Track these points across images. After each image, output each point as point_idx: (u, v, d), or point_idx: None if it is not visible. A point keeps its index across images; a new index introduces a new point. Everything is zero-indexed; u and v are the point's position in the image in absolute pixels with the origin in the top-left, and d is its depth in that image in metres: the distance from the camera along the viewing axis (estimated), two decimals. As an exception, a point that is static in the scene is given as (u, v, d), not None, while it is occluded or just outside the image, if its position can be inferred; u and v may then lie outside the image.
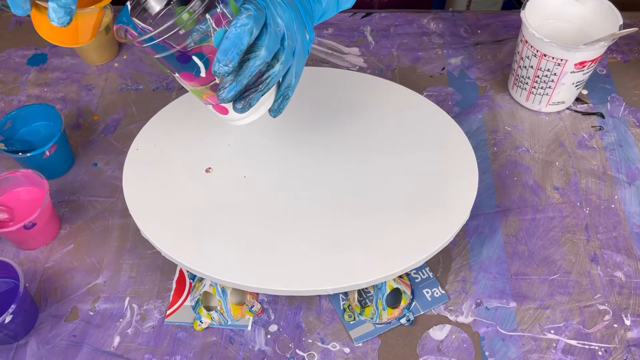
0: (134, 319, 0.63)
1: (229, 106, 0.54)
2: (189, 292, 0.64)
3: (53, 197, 0.72)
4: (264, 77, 0.52)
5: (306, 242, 0.59)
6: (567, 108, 0.80)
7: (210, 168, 0.65)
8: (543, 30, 0.76)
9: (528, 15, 0.73)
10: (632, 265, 0.66)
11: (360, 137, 0.68)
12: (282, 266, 0.57)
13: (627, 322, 0.62)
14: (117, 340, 0.62)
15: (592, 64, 0.73)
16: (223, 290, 0.62)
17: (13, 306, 0.57)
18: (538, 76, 0.75)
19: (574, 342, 0.60)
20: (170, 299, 0.64)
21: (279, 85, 0.55)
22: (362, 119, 0.69)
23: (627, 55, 0.87)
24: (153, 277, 0.66)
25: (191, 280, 0.65)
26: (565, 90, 0.75)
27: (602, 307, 0.63)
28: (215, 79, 0.52)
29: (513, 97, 0.81)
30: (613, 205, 0.71)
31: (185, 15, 0.46)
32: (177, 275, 0.66)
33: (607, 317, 0.62)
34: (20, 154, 0.69)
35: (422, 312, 0.63)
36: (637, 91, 0.82)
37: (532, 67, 0.75)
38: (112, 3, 0.88)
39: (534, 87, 0.76)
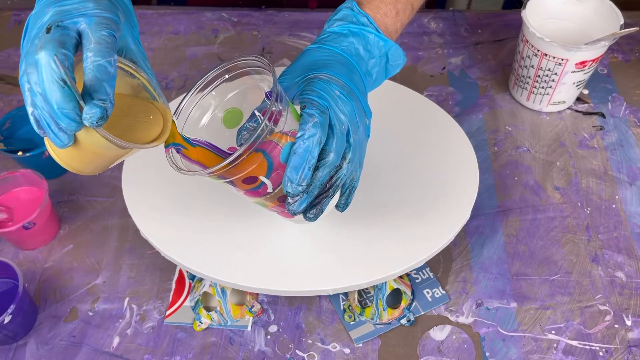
0: (133, 319, 0.63)
1: None
2: (188, 293, 0.64)
3: (52, 197, 0.72)
4: (333, 179, 0.47)
5: (306, 242, 0.59)
6: (568, 108, 0.80)
7: (210, 168, 0.65)
8: (544, 29, 0.76)
9: (529, 14, 0.73)
10: (633, 266, 0.65)
11: (360, 137, 0.68)
12: (282, 266, 0.57)
13: (628, 323, 0.62)
14: (116, 340, 0.61)
15: (593, 64, 0.72)
16: (223, 290, 0.62)
17: (12, 306, 0.57)
18: (539, 76, 0.75)
19: (574, 343, 0.60)
20: (170, 299, 0.64)
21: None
22: (362, 118, 0.69)
23: (628, 54, 0.87)
24: (152, 277, 0.66)
25: (191, 281, 0.65)
26: (566, 90, 0.75)
27: (602, 308, 0.63)
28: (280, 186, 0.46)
29: (514, 97, 0.81)
30: (614, 206, 0.70)
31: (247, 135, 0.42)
32: (176, 275, 0.66)
33: (608, 318, 0.62)
34: (19, 153, 0.69)
35: (422, 313, 0.63)
36: (638, 91, 0.82)
37: (532, 66, 0.74)
38: None
39: (535, 87, 0.76)
